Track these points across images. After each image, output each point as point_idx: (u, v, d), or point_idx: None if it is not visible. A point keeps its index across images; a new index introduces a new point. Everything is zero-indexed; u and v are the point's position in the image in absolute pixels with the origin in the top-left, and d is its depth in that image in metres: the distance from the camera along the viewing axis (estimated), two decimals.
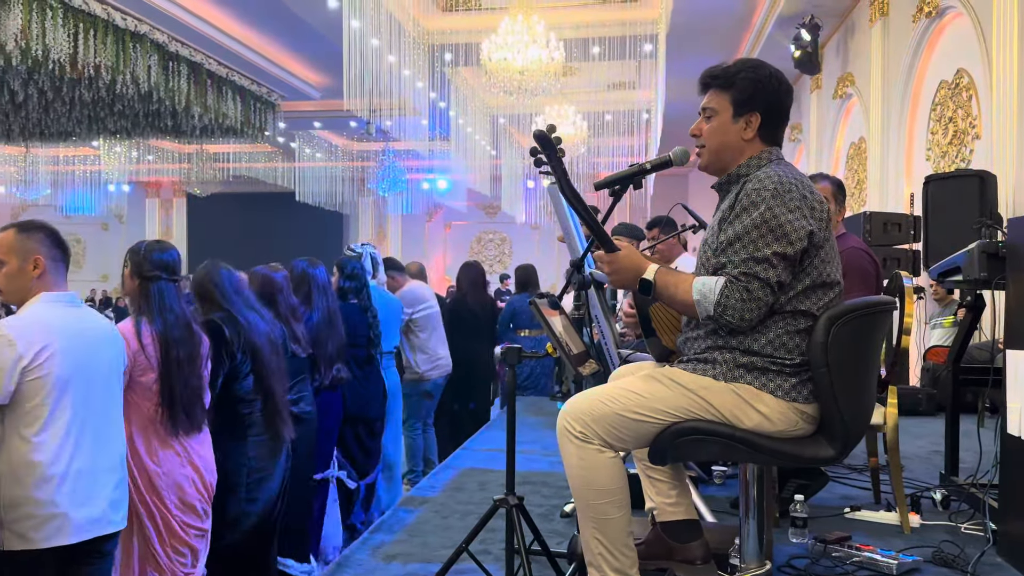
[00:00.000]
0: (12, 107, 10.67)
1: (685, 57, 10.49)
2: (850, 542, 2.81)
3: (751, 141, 2.09)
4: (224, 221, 18.44)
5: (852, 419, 1.93)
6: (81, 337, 2.36)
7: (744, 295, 1.90)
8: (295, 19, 9.90)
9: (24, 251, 2.35)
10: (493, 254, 18.31)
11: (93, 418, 2.36)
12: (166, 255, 2.84)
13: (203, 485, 2.83)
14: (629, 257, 2.06)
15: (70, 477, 2.27)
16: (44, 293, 2.36)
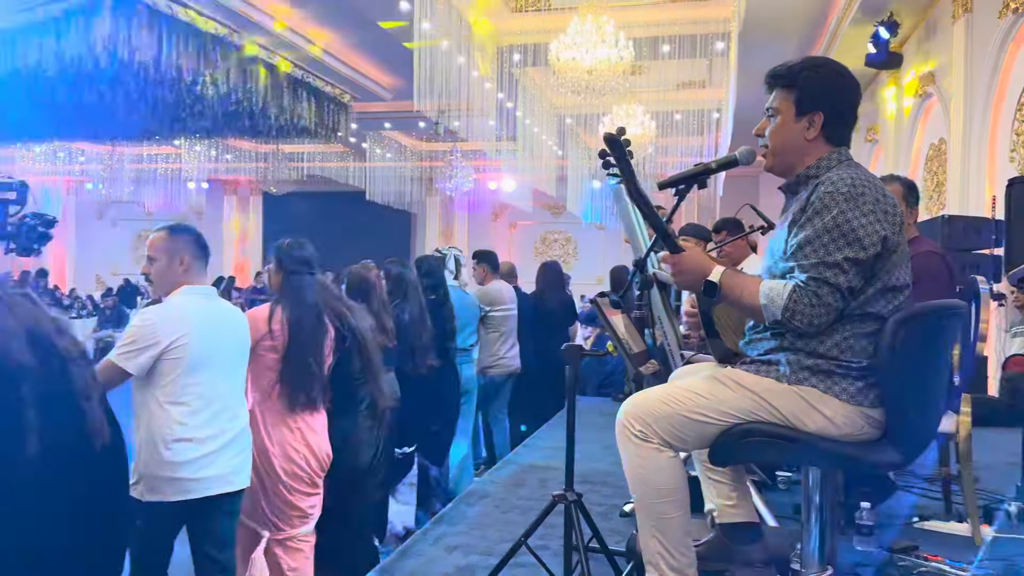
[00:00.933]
0: (100, 107, 11.12)
1: (758, 55, 10.30)
2: (918, 552, 2.75)
3: (814, 141, 2.06)
4: (298, 219, 18.90)
5: (918, 424, 1.90)
6: (212, 324, 2.74)
7: (814, 300, 1.87)
8: (368, 22, 10.10)
9: (173, 250, 2.75)
10: (558, 254, 18.29)
11: (220, 392, 2.73)
12: (304, 252, 3.21)
13: (314, 459, 3.10)
14: (694, 258, 2.05)
15: (198, 442, 2.64)
16: (186, 286, 2.74)
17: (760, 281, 1.96)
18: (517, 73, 10.92)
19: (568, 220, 17.90)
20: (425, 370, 4.34)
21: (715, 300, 2.04)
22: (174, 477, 2.60)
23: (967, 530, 3.05)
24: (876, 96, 10.99)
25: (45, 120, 11.93)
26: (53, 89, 10.01)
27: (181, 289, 2.74)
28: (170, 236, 2.78)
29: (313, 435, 3.11)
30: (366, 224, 17.89)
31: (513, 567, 2.64)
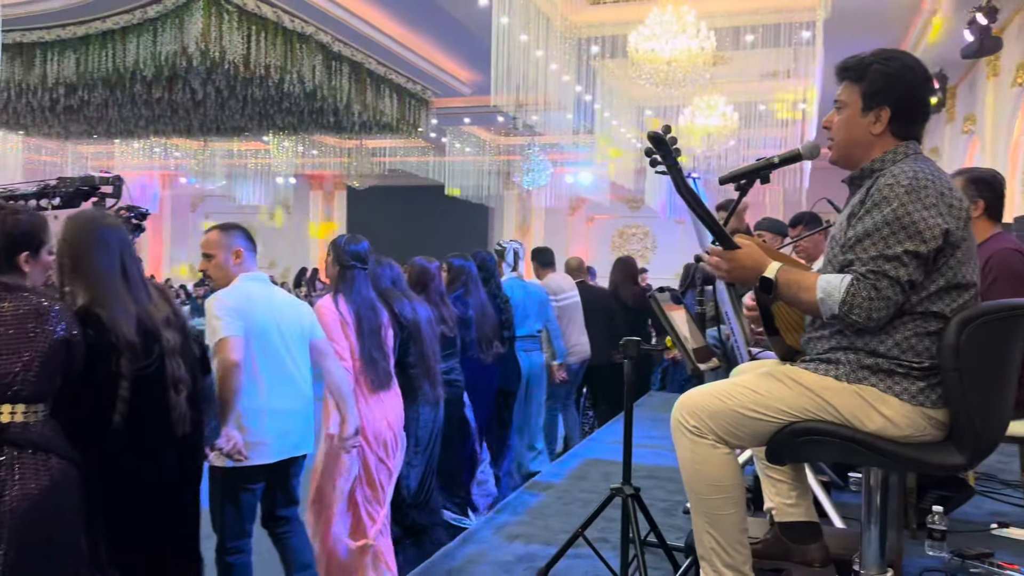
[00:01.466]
0: (193, 104, 11.61)
1: (846, 44, 9.87)
2: (992, 559, 2.65)
3: (881, 136, 2.01)
4: (379, 212, 19.30)
5: (984, 427, 1.84)
6: (270, 304, 3.04)
7: (872, 293, 1.83)
8: (448, 18, 10.21)
9: (228, 246, 3.04)
10: (635, 248, 18.10)
11: (280, 366, 3.02)
12: (359, 247, 3.52)
13: (392, 433, 3.52)
14: (749, 255, 2.02)
15: (267, 411, 2.94)
16: (243, 275, 3.03)
17: (817, 276, 1.93)
18: (595, 65, 10.86)
19: (646, 214, 17.71)
20: (491, 359, 4.63)
21: (771, 297, 2.01)
22: (252, 443, 2.86)
23: None
24: (973, 86, 10.49)
25: (142, 117, 12.57)
26: (149, 87, 10.55)
27: (240, 278, 3.02)
28: (224, 233, 3.08)
29: (389, 411, 3.53)
30: (444, 218, 18.13)
31: (572, 558, 2.67)
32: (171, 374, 2.35)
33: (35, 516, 2.00)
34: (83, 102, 11.18)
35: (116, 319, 2.24)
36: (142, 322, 2.31)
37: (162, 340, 2.35)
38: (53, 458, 2.08)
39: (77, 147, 16.46)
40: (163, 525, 2.38)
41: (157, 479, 2.36)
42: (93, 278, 2.29)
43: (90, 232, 2.36)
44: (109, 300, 2.27)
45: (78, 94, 10.76)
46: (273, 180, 18.48)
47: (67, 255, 2.33)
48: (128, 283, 2.35)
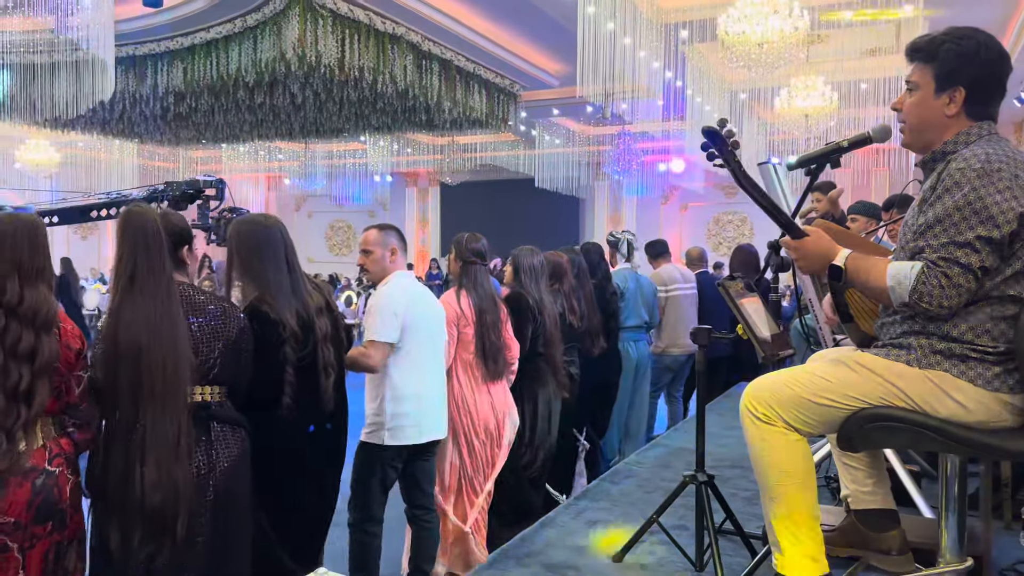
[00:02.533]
0: (293, 108, 12.07)
1: (953, 15, 9.50)
2: None
3: (955, 117, 1.96)
4: (472, 207, 19.57)
5: None
6: (422, 299, 3.39)
7: (943, 281, 1.79)
8: (535, 10, 10.26)
9: (385, 243, 3.34)
10: (732, 235, 17.72)
11: (427, 355, 3.35)
12: (478, 244, 3.76)
13: (498, 422, 3.72)
14: (817, 243, 2.01)
15: (412, 396, 3.27)
16: (397, 272, 3.35)
17: (887, 263, 1.90)
18: (685, 50, 10.69)
19: (743, 200, 17.27)
20: (597, 351, 4.81)
21: (841, 284, 1.99)
22: (396, 426, 3.24)
23: None
24: None
25: (246, 122, 13.17)
26: (251, 93, 11.04)
27: (395, 274, 3.34)
28: (380, 232, 3.38)
29: (498, 401, 3.74)
30: (535, 211, 18.23)
31: (650, 544, 2.70)
32: (323, 360, 2.68)
33: (233, 479, 2.36)
34: (191, 109, 11.82)
35: (282, 312, 2.57)
36: (300, 313, 2.63)
37: (316, 329, 2.66)
38: (241, 431, 2.44)
39: (188, 152, 17.37)
40: (309, 496, 2.72)
41: (311, 457, 2.71)
42: (262, 276, 2.63)
43: (255, 235, 2.68)
44: (275, 295, 2.59)
45: (186, 102, 11.38)
46: (371, 179, 18.99)
47: (236, 256, 2.69)
48: (291, 276, 2.66)
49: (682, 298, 6.25)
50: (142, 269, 2.21)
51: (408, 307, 3.27)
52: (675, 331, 6.14)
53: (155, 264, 2.23)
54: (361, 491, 3.26)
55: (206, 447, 2.30)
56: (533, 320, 4.02)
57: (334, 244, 22.77)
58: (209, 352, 2.33)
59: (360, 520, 3.24)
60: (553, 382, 4.15)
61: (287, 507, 2.65)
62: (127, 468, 2.12)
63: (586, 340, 4.72)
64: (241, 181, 19.95)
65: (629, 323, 5.66)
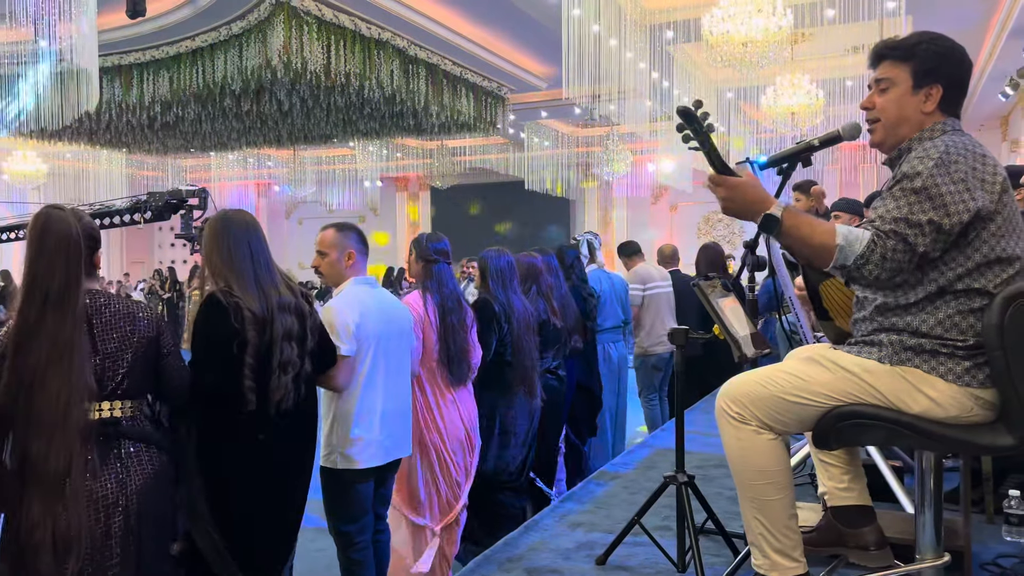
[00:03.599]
0: (280, 115, 12.07)
1: (934, 13, 9.56)
2: None
3: (931, 114, 2.00)
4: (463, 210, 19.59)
5: None
6: (380, 309, 3.08)
7: (888, 254, 1.80)
8: (520, 14, 10.27)
9: (342, 246, 3.08)
10: (722, 234, 17.74)
11: (389, 370, 3.07)
12: (441, 244, 3.55)
13: (468, 429, 3.53)
14: (752, 187, 1.93)
15: (366, 415, 2.97)
16: (354, 278, 3.09)
17: (835, 223, 1.89)
18: (671, 50, 10.72)
19: None
20: (568, 350, 4.63)
21: (774, 234, 1.91)
22: (349, 449, 2.96)
23: None
24: None
25: (234, 130, 13.15)
26: (238, 101, 11.03)
27: (349, 281, 3.08)
28: (338, 233, 3.11)
29: (465, 408, 3.54)
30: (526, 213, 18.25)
31: (631, 546, 2.70)
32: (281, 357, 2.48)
33: (148, 501, 2.21)
34: (178, 118, 11.79)
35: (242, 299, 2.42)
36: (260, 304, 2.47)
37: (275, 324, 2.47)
38: (153, 449, 2.28)
39: (176, 161, 17.35)
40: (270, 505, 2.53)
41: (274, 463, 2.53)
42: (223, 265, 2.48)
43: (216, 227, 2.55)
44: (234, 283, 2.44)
45: (173, 110, 11.35)
46: (360, 184, 18.99)
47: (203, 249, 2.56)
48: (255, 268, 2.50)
49: (661, 296, 6.24)
50: (59, 285, 2.08)
51: (364, 318, 2.97)
52: (656, 330, 6.09)
53: (72, 279, 2.10)
54: (334, 516, 3.06)
55: (115, 469, 2.16)
56: (499, 327, 3.82)
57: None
58: (116, 366, 2.18)
59: (342, 546, 3.07)
60: (522, 393, 3.90)
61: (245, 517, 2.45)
62: (15, 506, 2.01)
63: (565, 339, 4.61)
64: (231, 189, 19.93)
65: (607, 325, 5.60)
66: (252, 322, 2.40)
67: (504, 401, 3.85)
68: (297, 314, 2.53)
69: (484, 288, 3.94)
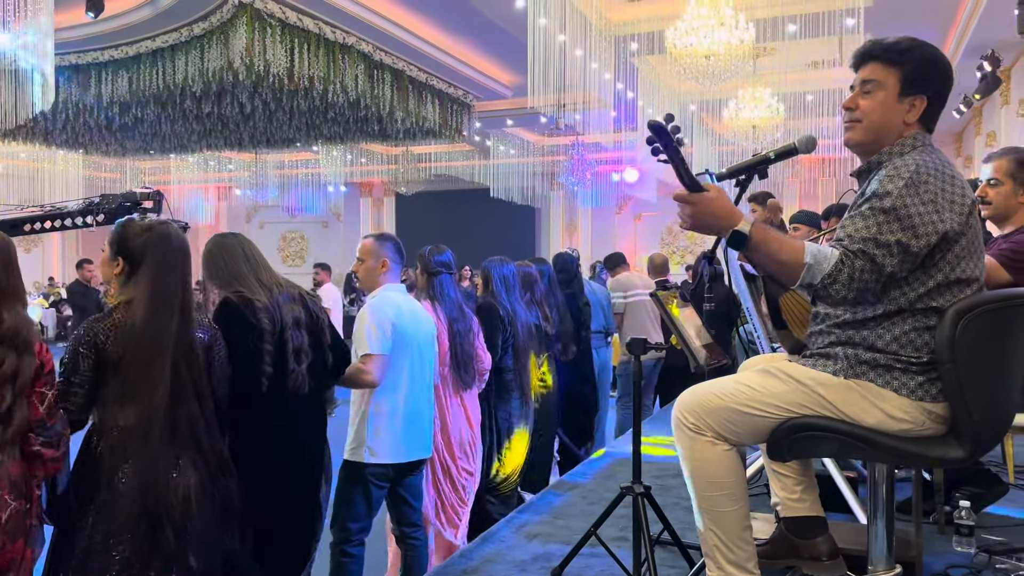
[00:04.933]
0: (242, 118, 11.91)
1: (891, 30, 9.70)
2: (1021, 555, 2.57)
3: (910, 126, 1.97)
4: (428, 217, 19.51)
5: (983, 419, 1.81)
6: (412, 314, 3.28)
7: (855, 274, 1.79)
8: (486, 21, 10.27)
9: (376, 254, 3.27)
10: (685, 245, 17.92)
11: (414, 371, 3.24)
12: (444, 256, 3.73)
13: (473, 433, 3.69)
14: (719, 202, 1.89)
15: (396, 413, 3.15)
16: (388, 284, 3.27)
17: (804, 242, 1.88)
18: (635, 62, 10.80)
19: None
20: (569, 356, 4.93)
21: (742, 249, 1.90)
22: (378, 444, 3.13)
23: None
24: None
25: (194, 132, 12.95)
26: (199, 103, 10.87)
27: (384, 286, 3.27)
28: (376, 242, 3.33)
29: (471, 410, 3.72)
30: (491, 220, 18.24)
31: (587, 557, 2.68)
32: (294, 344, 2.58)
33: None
34: (137, 119, 11.58)
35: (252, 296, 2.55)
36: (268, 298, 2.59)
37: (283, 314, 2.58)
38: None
39: (135, 163, 17.04)
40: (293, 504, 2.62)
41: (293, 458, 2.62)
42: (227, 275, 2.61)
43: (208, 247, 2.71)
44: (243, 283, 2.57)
45: (132, 112, 11.15)
46: (324, 189, 18.83)
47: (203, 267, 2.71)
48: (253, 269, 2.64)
49: (642, 304, 6.35)
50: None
51: (394, 320, 3.16)
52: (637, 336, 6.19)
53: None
54: (342, 510, 3.14)
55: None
56: (504, 330, 4.02)
57: (287, 255, 22.50)
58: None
59: (339, 540, 3.12)
60: (519, 398, 4.08)
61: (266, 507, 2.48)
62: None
63: (555, 346, 4.80)
64: (190, 192, 19.62)
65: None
66: (264, 311, 2.52)
67: (502, 406, 4.03)
68: (303, 305, 2.67)
69: (488, 294, 4.16)
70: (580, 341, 5.28)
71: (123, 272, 2.27)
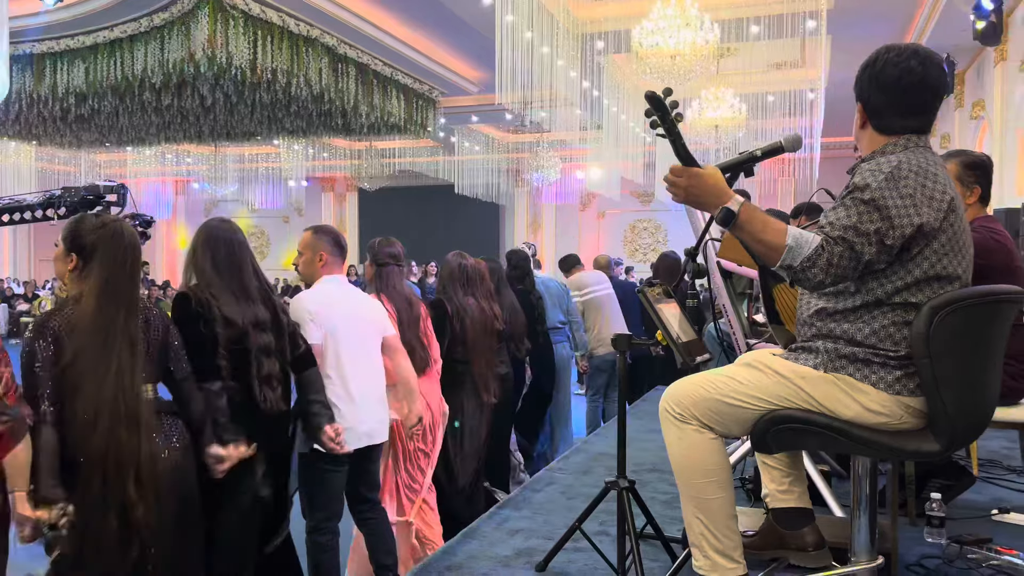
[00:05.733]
0: (202, 110, 11.69)
1: (851, 32, 9.95)
2: (991, 544, 2.65)
3: (863, 131, 2.07)
4: (391, 213, 19.40)
5: (959, 413, 1.86)
6: (343, 301, 3.30)
7: (834, 259, 1.84)
8: (453, 17, 10.24)
9: (313, 247, 3.33)
10: (648, 242, 18.10)
11: (359, 358, 3.27)
12: (392, 248, 3.83)
13: (431, 416, 3.75)
14: (714, 178, 1.95)
15: (349, 401, 3.18)
16: (325, 276, 3.32)
17: (786, 224, 1.93)
18: (601, 60, 10.86)
19: (657, 208, 17.71)
20: (523, 353, 4.95)
21: (729, 226, 1.94)
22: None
23: None
24: (982, 71, 10.41)
25: (152, 124, 12.69)
26: (158, 95, 10.65)
27: (322, 279, 3.32)
28: (314, 236, 3.38)
29: (428, 395, 3.78)
30: (455, 217, 18.20)
31: (570, 552, 2.70)
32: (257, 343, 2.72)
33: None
34: (93, 111, 11.31)
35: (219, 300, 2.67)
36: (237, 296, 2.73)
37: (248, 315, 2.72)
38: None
39: (90, 155, 16.64)
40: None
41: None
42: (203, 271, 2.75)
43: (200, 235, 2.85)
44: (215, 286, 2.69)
45: (88, 103, 10.88)
46: (285, 183, 18.60)
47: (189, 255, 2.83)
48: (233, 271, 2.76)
49: (599, 299, 6.41)
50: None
51: (323, 309, 3.18)
52: (599, 332, 6.29)
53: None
54: (304, 501, 3.21)
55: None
56: (451, 327, 4.07)
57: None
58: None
59: (310, 529, 3.20)
60: (476, 394, 4.12)
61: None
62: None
63: (511, 344, 4.80)
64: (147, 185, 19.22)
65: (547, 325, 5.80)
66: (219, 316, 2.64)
67: (457, 402, 4.07)
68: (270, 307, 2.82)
69: (440, 290, 4.23)
70: (536, 336, 5.31)
71: (76, 267, 2.34)
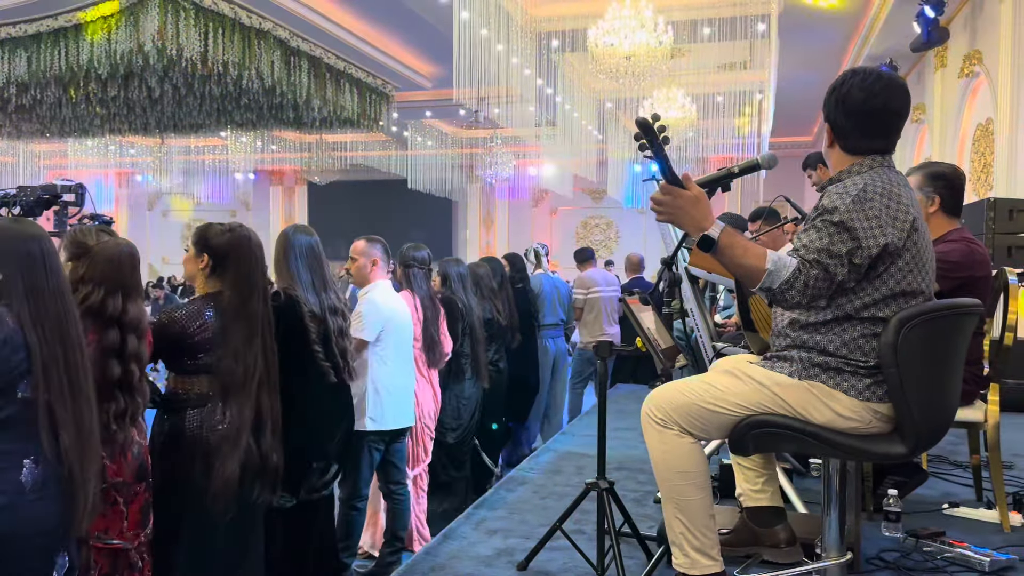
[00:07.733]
0: (149, 102, 11.41)
1: (799, 36, 10.22)
2: (944, 537, 2.81)
3: (831, 149, 2.18)
4: (342, 208, 19.21)
5: (924, 419, 1.99)
6: (397, 303, 3.87)
7: (810, 282, 1.94)
8: (408, 12, 10.21)
9: (368, 254, 3.81)
10: (599, 239, 18.30)
11: (402, 352, 3.85)
12: (420, 253, 4.28)
13: (436, 406, 4.27)
14: (698, 202, 2.02)
15: (391, 388, 3.74)
16: (378, 280, 3.81)
17: (765, 248, 2.03)
18: (556, 59, 10.95)
19: (609, 205, 17.91)
20: (515, 345, 5.49)
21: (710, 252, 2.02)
22: (377, 414, 3.68)
23: (996, 517, 3.10)
24: (922, 76, 10.80)
25: (97, 116, 12.34)
26: (104, 86, 10.37)
27: (375, 282, 3.80)
28: (367, 244, 3.84)
29: (436, 387, 4.29)
30: (408, 212, 18.12)
31: (550, 550, 2.77)
32: (334, 327, 3.10)
33: None
34: (35, 101, 10.93)
35: (305, 297, 3.04)
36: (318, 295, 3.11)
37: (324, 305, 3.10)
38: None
39: (28, 146, 16.10)
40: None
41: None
42: (289, 272, 3.11)
43: (285, 239, 3.18)
44: (300, 285, 3.05)
45: (30, 93, 10.54)
46: (232, 176, 18.26)
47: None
48: (309, 269, 3.11)
49: (602, 299, 6.93)
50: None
51: (390, 308, 3.77)
52: (595, 327, 6.87)
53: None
54: (349, 472, 3.61)
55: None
56: (462, 320, 4.60)
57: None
58: None
59: (348, 497, 3.65)
60: (473, 376, 4.69)
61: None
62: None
63: (507, 335, 5.37)
64: (88, 177, 18.68)
65: (547, 321, 6.53)
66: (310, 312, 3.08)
67: (458, 387, 4.61)
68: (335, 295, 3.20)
69: (447, 290, 4.70)
70: (528, 329, 5.93)
71: (207, 266, 2.71)
